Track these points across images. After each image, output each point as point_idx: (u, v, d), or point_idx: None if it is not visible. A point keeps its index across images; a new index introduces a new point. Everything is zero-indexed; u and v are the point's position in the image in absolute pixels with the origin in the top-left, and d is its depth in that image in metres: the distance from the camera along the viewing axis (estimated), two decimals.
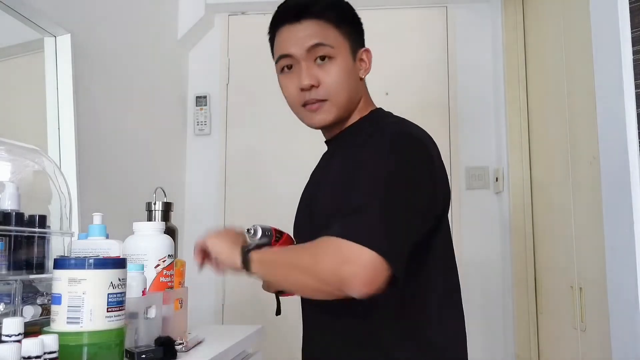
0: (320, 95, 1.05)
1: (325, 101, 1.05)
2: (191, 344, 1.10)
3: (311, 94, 1.05)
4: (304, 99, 1.06)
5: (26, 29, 1.53)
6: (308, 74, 1.04)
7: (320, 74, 1.04)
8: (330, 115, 1.06)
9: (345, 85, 1.05)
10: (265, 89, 2.57)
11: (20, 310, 0.92)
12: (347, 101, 1.07)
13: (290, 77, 1.08)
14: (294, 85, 1.07)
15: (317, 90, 1.04)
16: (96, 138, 1.76)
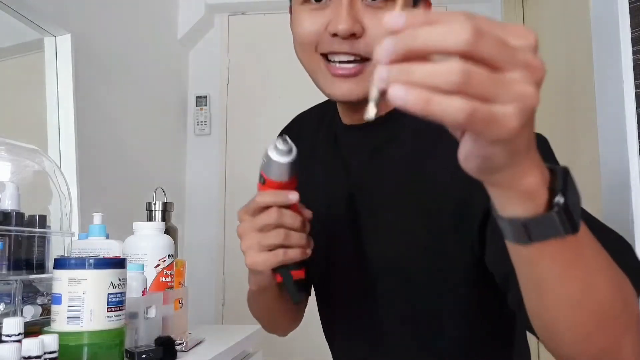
0: (361, 50, 0.71)
1: (368, 61, 0.71)
2: (191, 344, 1.10)
3: (344, 45, 0.71)
4: (330, 47, 0.72)
5: (26, 29, 1.53)
6: (351, 14, 0.69)
7: (369, 20, 0.70)
8: (366, 85, 0.70)
9: None
10: (265, 89, 2.58)
11: (21, 310, 0.92)
12: None
13: (315, 12, 0.73)
14: (317, 24, 0.73)
15: (357, 42, 0.70)
16: (96, 138, 1.76)
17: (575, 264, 0.46)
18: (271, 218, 0.68)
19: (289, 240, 0.69)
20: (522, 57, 0.35)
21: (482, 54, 0.34)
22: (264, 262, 0.70)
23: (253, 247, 0.70)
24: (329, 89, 0.75)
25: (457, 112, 0.34)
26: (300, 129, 0.97)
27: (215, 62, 2.62)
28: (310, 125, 0.95)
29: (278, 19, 2.67)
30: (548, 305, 0.49)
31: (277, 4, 2.60)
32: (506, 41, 0.35)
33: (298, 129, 0.98)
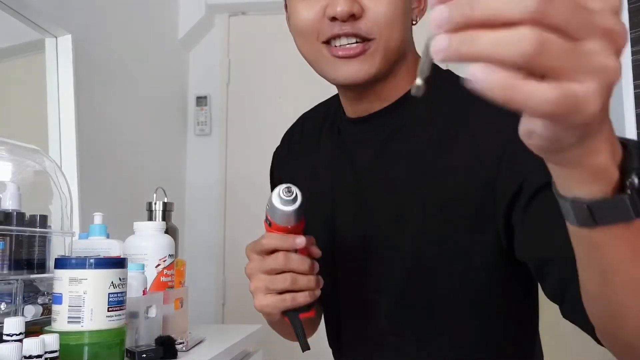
0: (363, 30, 0.70)
1: (370, 41, 0.71)
2: (191, 344, 1.10)
3: (345, 27, 0.70)
4: (331, 31, 0.71)
5: (27, 29, 1.53)
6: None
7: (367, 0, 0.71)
8: (374, 64, 0.72)
9: (399, 21, 0.72)
10: (265, 90, 2.58)
11: (21, 310, 0.92)
12: (398, 45, 0.73)
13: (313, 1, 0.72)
14: (314, 10, 0.72)
15: (358, 23, 0.70)
16: (97, 138, 1.76)
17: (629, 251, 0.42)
18: (278, 263, 0.68)
19: (296, 285, 0.69)
20: (601, 23, 0.30)
21: (555, 21, 0.28)
22: (271, 306, 0.70)
23: (261, 289, 0.69)
24: (333, 73, 0.74)
25: (543, 102, 0.29)
26: (303, 128, 0.97)
27: (215, 62, 2.62)
28: (314, 123, 0.94)
29: (278, 20, 2.67)
30: (616, 289, 0.45)
31: (278, 5, 2.58)
32: (582, 3, 0.30)
33: (301, 128, 0.98)
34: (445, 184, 0.71)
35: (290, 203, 0.66)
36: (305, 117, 0.99)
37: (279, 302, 0.69)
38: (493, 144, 0.68)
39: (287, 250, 0.68)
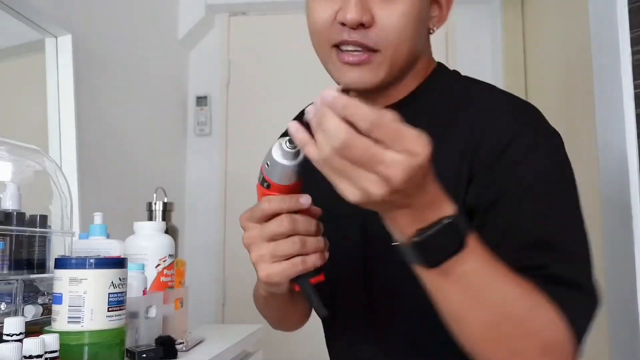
0: (371, 41, 0.71)
1: (377, 52, 0.72)
2: (191, 344, 1.10)
3: (354, 35, 0.71)
4: (340, 37, 0.72)
5: (27, 29, 1.53)
6: (360, 3, 0.70)
7: (379, 10, 0.71)
8: (378, 75, 0.73)
9: (410, 35, 0.72)
10: (266, 90, 2.58)
11: (22, 310, 0.92)
12: (406, 58, 0.74)
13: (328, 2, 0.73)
14: (328, 12, 0.73)
15: (368, 32, 0.71)
16: (97, 138, 1.76)
17: (446, 295, 0.59)
18: (283, 226, 0.62)
19: (305, 248, 0.63)
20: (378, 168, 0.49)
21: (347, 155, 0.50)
22: (280, 274, 0.63)
23: (265, 258, 0.63)
24: (338, 76, 0.75)
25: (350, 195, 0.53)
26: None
27: (215, 62, 2.62)
28: None
29: (278, 20, 2.68)
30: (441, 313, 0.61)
31: (278, 5, 2.60)
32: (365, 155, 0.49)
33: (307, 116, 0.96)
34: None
35: (294, 157, 0.60)
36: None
37: (289, 268, 0.62)
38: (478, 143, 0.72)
39: (289, 212, 0.63)
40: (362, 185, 0.50)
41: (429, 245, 0.55)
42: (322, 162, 0.52)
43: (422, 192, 0.53)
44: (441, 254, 0.56)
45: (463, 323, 0.60)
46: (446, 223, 0.55)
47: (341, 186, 0.52)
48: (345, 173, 0.51)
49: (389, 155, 0.49)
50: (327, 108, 0.50)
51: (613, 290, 1.25)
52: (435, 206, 0.55)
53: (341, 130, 0.49)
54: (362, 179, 0.50)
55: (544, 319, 0.60)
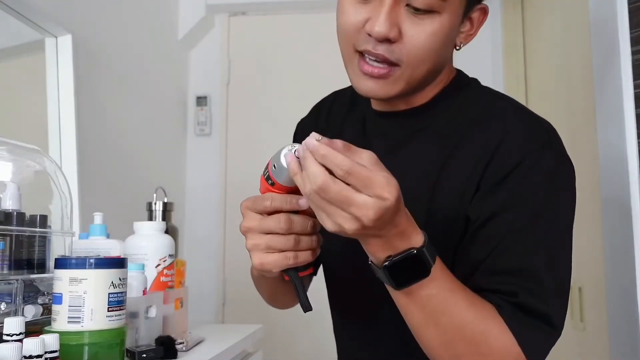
0: (394, 56, 0.71)
1: (396, 67, 0.72)
2: (191, 344, 1.10)
3: (379, 47, 0.71)
4: (365, 46, 0.72)
5: (27, 29, 1.53)
6: (389, 18, 0.69)
7: (408, 26, 0.70)
8: (393, 89, 0.74)
9: (434, 55, 0.73)
10: (266, 90, 2.58)
11: (22, 310, 0.92)
12: (424, 76, 0.75)
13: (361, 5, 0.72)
14: (358, 18, 0.72)
15: (392, 47, 0.71)
16: (97, 138, 1.76)
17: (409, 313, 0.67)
18: (280, 226, 0.66)
19: (299, 246, 0.68)
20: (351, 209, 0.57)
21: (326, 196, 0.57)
22: (272, 264, 0.68)
23: (260, 247, 0.68)
24: (355, 83, 0.77)
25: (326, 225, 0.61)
26: (331, 108, 0.96)
27: (215, 62, 2.62)
28: (341, 105, 0.94)
29: (278, 20, 2.68)
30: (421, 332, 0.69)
31: (278, 5, 2.60)
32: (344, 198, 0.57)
33: (330, 106, 0.96)
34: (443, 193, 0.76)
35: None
36: (336, 95, 0.98)
37: (281, 260, 0.67)
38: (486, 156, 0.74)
39: (289, 211, 0.67)
40: (337, 221, 0.58)
41: (396, 270, 0.63)
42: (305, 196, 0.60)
43: (393, 226, 0.60)
44: (406, 279, 0.63)
45: (423, 338, 0.69)
46: (413, 253, 0.62)
47: (319, 216, 0.60)
48: (323, 209, 0.59)
49: (360, 198, 0.56)
50: (309, 152, 0.58)
51: (613, 290, 1.25)
52: (405, 237, 0.62)
53: (319, 175, 0.57)
54: (337, 216, 0.58)
55: (496, 343, 0.66)
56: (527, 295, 0.68)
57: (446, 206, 0.75)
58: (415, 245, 0.62)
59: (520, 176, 0.71)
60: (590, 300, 1.59)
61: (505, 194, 0.72)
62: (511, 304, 0.67)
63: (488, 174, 0.73)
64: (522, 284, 0.68)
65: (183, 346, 1.05)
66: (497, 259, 0.70)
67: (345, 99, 0.94)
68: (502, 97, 0.82)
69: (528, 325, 0.67)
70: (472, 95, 0.82)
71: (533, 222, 0.71)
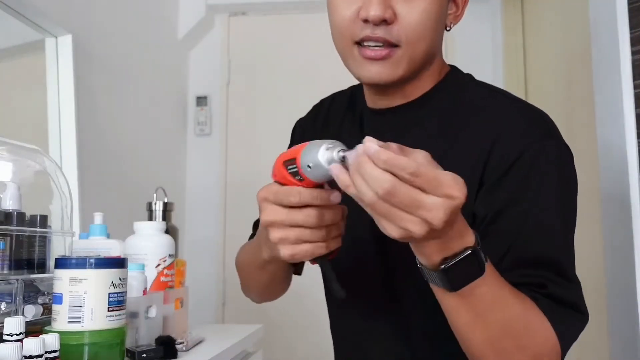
0: (393, 37, 0.73)
1: (397, 47, 0.74)
2: (191, 344, 1.10)
3: (377, 31, 0.73)
4: (363, 33, 0.73)
5: (27, 29, 1.53)
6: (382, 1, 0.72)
7: (400, 6, 0.72)
8: (397, 70, 0.75)
9: (430, 31, 0.74)
10: (266, 90, 2.58)
11: (22, 310, 0.92)
12: (424, 54, 0.76)
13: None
14: (350, 9, 0.74)
15: (390, 28, 0.72)
16: (97, 138, 1.76)
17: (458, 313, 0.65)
18: (311, 221, 0.64)
19: (330, 235, 0.66)
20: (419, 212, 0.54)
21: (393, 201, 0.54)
22: (304, 255, 0.66)
23: (290, 240, 0.65)
24: (358, 71, 0.77)
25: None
26: (331, 107, 0.96)
27: (215, 62, 2.62)
28: (340, 105, 0.94)
29: (278, 20, 2.68)
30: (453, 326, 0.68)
31: (278, 5, 2.60)
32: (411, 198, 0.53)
33: (329, 106, 0.97)
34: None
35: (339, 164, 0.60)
36: (336, 96, 0.98)
37: (312, 250, 0.65)
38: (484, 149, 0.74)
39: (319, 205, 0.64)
40: (404, 225, 0.55)
41: (453, 272, 0.60)
42: (364, 205, 0.55)
43: (451, 227, 0.57)
44: (464, 280, 0.61)
45: (469, 337, 0.66)
46: (469, 252, 0.60)
47: (383, 224, 0.56)
48: (388, 215, 0.55)
49: (430, 199, 0.53)
50: (366, 157, 0.54)
51: (613, 290, 1.25)
52: (460, 237, 0.60)
53: (386, 180, 0.53)
54: (404, 220, 0.54)
55: (538, 335, 0.66)
56: (555, 285, 0.69)
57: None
58: (469, 244, 0.60)
59: (525, 167, 0.72)
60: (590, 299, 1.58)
61: (511, 187, 0.72)
62: (542, 294, 0.68)
63: (490, 168, 0.73)
64: (548, 274, 0.69)
65: (183, 346, 1.05)
66: (518, 252, 0.70)
67: (344, 100, 0.94)
68: (497, 90, 0.83)
69: (562, 315, 0.68)
70: (467, 89, 0.82)
71: (545, 211, 0.71)
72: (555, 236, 0.71)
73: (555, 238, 0.71)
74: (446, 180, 0.54)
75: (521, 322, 0.66)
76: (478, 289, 0.62)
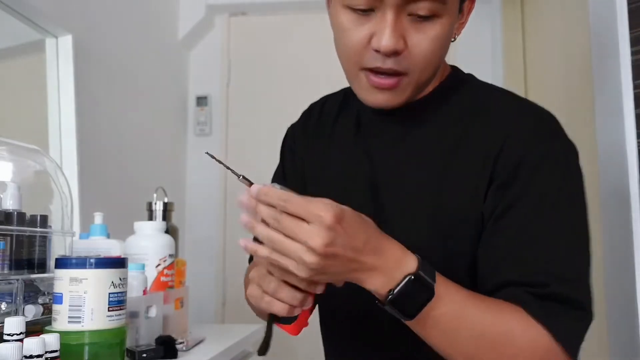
0: (402, 67, 0.71)
1: (404, 76, 0.73)
2: (192, 343, 1.11)
3: (388, 62, 0.70)
4: (374, 63, 0.71)
5: (28, 30, 1.53)
6: (395, 32, 0.68)
7: (412, 36, 0.70)
8: (402, 96, 0.75)
9: (438, 57, 0.74)
10: (266, 90, 2.58)
11: (22, 310, 0.92)
12: (430, 77, 0.76)
13: (359, 20, 0.71)
14: (360, 35, 0.71)
15: (400, 59, 0.70)
16: (97, 138, 1.76)
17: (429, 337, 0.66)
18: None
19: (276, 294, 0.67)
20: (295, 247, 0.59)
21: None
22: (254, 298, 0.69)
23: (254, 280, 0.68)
24: (364, 96, 0.76)
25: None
26: (322, 109, 0.95)
27: (215, 62, 2.62)
28: (332, 107, 0.93)
29: (278, 20, 2.68)
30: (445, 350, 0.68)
31: (278, 5, 2.60)
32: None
33: (320, 108, 0.95)
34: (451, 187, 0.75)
35: None
36: (327, 98, 0.97)
37: (259, 298, 0.68)
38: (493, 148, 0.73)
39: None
40: (297, 255, 0.58)
41: (401, 301, 0.62)
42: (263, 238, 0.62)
43: (376, 254, 0.61)
44: (414, 306, 0.62)
45: (450, 356, 0.67)
46: (412, 279, 0.61)
47: (284, 263, 0.60)
48: (280, 247, 0.60)
49: (307, 226, 0.58)
50: (252, 198, 0.63)
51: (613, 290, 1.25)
52: (399, 266, 0.62)
53: (263, 210, 0.61)
54: (293, 250, 0.59)
55: (521, 339, 0.65)
56: (558, 284, 0.67)
57: (456, 200, 0.73)
58: (410, 270, 0.62)
59: (534, 166, 0.71)
60: None
61: (521, 185, 0.71)
62: (540, 295, 0.66)
63: (499, 167, 0.72)
64: (552, 273, 0.68)
65: (183, 346, 1.05)
66: (524, 250, 0.69)
67: (337, 101, 0.93)
68: (501, 90, 0.82)
69: (560, 314, 0.66)
70: (470, 90, 0.81)
71: (554, 209, 0.70)
72: (562, 235, 0.70)
73: (562, 237, 0.70)
74: (314, 204, 0.58)
75: (497, 331, 0.65)
76: (434, 312, 0.63)
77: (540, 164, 0.72)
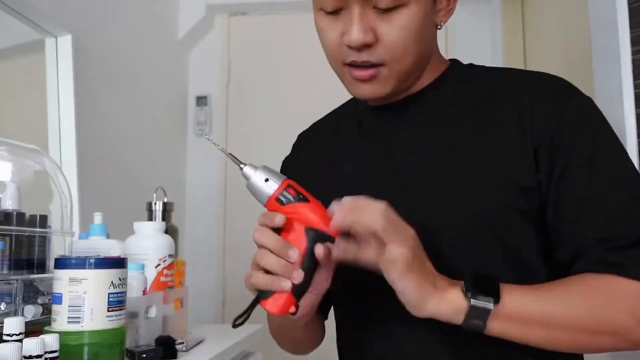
0: (377, 58, 0.73)
1: (382, 66, 0.74)
2: (191, 344, 1.10)
3: (362, 55, 0.73)
4: (350, 58, 0.74)
5: (27, 29, 1.53)
6: (361, 26, 0.71)
7: (381, 26, 0.72)
8: (386, 87, 0.76)
9: (414, 45, 0.74)
10: (266, 90, 2.58)
11: (21, 310, 0.92)
12: (412, 67, 0.76)
13: (331, 20, 0.75)
14: (335, 34, 0.75)
15: (372, 50, 0.73)
16: (97, 138, 1.76)
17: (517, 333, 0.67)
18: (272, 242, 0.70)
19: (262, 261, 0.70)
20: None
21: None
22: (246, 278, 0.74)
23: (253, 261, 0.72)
24: (352, 90, 0.80)
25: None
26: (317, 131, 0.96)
27: (215, 62, 2.62)
28: (329, 122, 0.94)
29: (278, 20, 2.68)
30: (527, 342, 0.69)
31: (278, 5, 2.60)
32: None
33: (314, 132, 0.97)
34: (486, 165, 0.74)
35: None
36: (316, 122, 0.99)
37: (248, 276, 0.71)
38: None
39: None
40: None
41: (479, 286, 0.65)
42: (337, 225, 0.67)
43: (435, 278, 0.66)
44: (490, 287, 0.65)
45: (552, 345, 0.68)
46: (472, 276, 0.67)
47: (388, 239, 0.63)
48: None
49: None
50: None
51: None
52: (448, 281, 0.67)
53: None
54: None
55: (614, 297, 0.67)
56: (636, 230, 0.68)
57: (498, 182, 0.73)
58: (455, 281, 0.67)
59: (573, 123, 0.73)
60: None
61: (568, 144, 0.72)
62: (626, 245, 0.67)
63: (538, 132, 0.73)
64: (633, 218, 0.69)
65: (183, 346, 1.05)
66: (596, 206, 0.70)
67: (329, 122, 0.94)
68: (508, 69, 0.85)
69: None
70: (476, 71, 0.84)
71: (607, 157, 0.72)
72: (625, 179, 0.71)
73: (625, 181, 0.71)
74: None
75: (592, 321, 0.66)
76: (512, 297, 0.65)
77: (577, 120, 0.73)
